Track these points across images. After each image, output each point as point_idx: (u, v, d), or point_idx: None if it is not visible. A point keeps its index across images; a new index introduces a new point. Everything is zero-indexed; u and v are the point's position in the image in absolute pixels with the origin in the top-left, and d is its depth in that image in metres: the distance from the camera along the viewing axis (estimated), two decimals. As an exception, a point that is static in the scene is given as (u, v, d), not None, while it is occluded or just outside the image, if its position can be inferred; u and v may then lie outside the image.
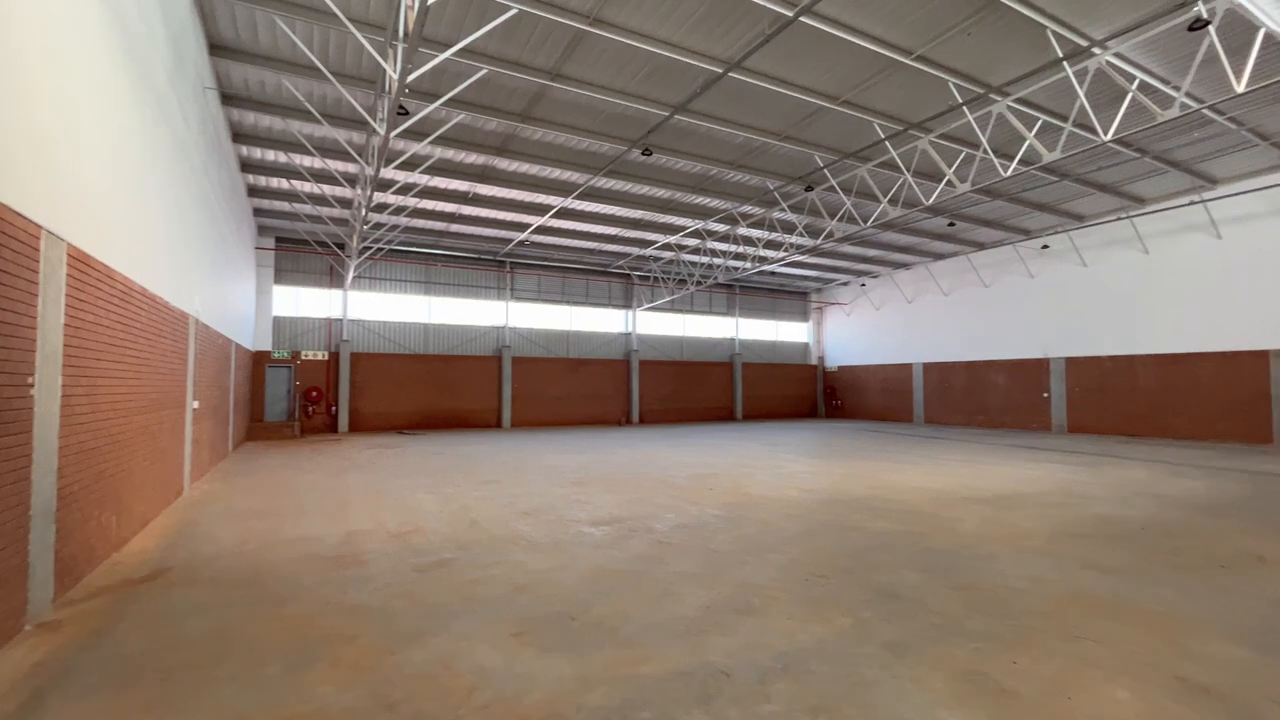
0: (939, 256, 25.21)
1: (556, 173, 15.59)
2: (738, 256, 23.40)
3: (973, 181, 13.45)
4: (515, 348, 24.83)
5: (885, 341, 28.64)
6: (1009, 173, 12.27)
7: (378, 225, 19.38)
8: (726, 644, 3.85)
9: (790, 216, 18.01)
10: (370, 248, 20.86)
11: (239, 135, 13.26)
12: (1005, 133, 13.38)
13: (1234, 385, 16.98)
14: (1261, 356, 16.48)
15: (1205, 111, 12.59)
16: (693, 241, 21.75)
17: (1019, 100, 11.96)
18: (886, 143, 13.44)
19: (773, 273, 28.13)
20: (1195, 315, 17.88)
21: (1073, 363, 20.81)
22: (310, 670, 3.54)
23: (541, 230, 20.52)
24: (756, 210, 18.47)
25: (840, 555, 5.84)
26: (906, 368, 27.34)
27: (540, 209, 18.16)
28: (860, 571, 5.32)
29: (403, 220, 18.96)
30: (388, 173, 14.71)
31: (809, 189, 16.12)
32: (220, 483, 10.26)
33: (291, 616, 4.35)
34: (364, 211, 13.15)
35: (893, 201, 16.92)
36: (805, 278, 29.82)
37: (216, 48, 10.17)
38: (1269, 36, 9.81)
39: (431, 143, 13.46)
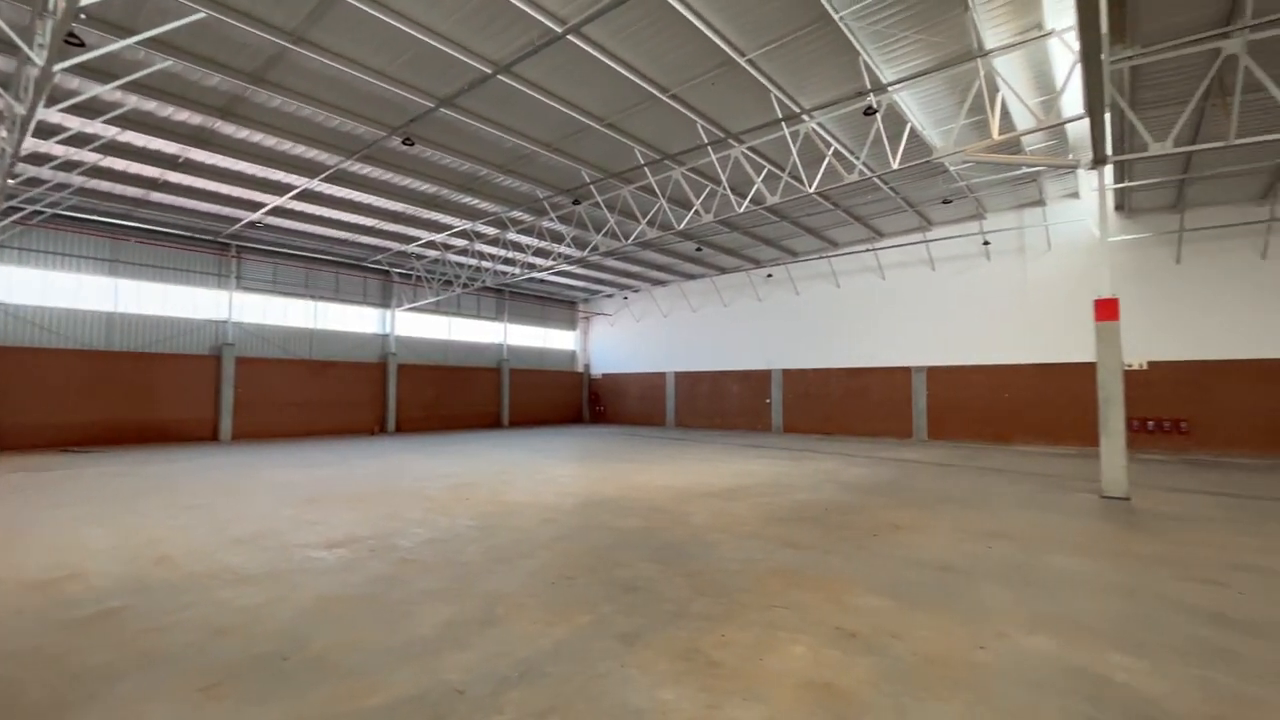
0: (690, 277, 28.13)
1: (300, 149, 13.73)
2: (507, 261, 23.19)
3: (715, 213, 15.30)
4: (241, 346, 21.14)
5: (644, 351, 30.95)
6: (742, 209, 14.22)
7: (35, 180, 14.91)
8: (465, 659, 3.74)
9: (559, 227, 18.45)
10: (22, 209, 15.95)
11: None
12: (741, 174, 15.49)
13: (891, 393, 21.99)
14: (907, 372, 21.65)
15: (875, 180, 16.14)
16: (460, 242, 20.97)
17: (751, 149, 13.95)
18: (646, 168, 14.58)
19: (542, 280, 28.51)
20: (868, 338, 22.75)
21: (788, 374, 24.90)
22: None
23: (280, 212, 17.87)
24: (526, 217, 18.54)
25: (588, 555, 6.10)
26: (661, 376, 29.89)
27: (279, 188, 15.80)
28: (605, 569, 5.62)
29: (76, 179, 14.88)
30: (52, 115, 11.44)
31: (576, 202, 16.71)
32: None
33: None
34: (10, 160, 10.00)
35: (651, 223, 18.39)
36: (574, 287, 30.81)
37: None
38: (914, 130, 12.97)
39: (123, 88, 10.84)
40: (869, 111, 11.54)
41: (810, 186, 13.42)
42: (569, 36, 9.67)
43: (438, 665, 3.66)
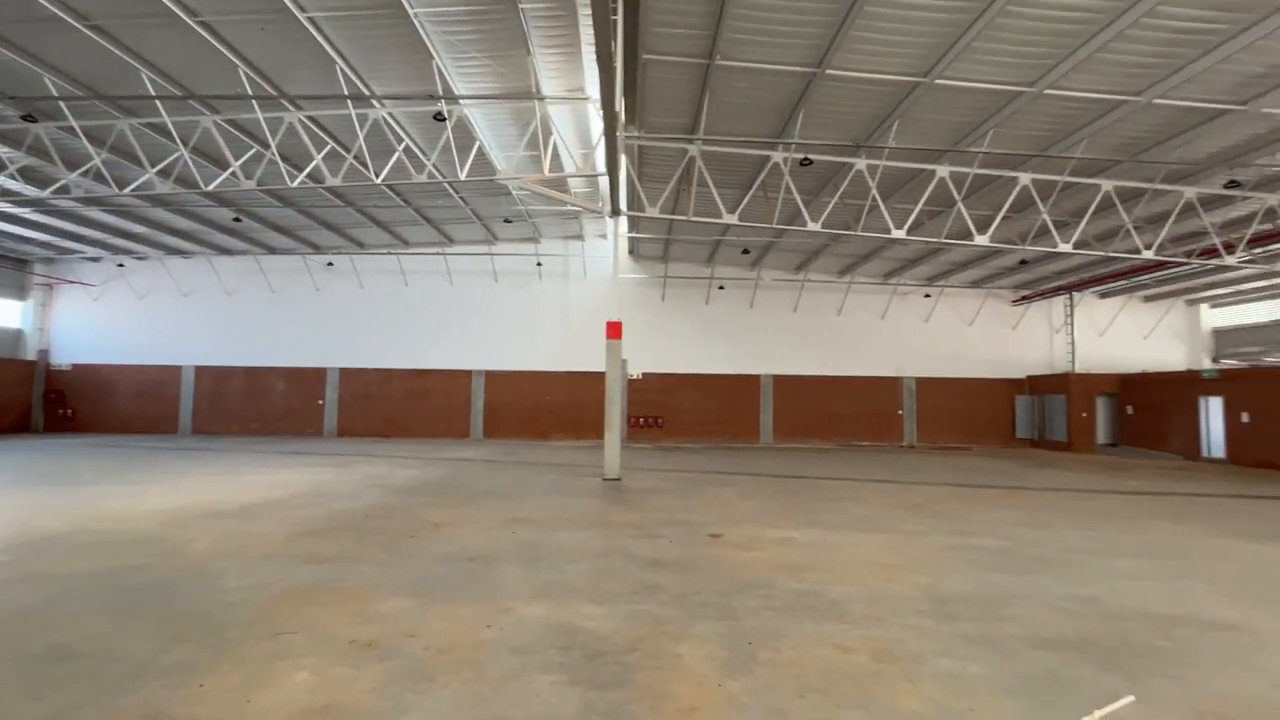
0: (225, 251, 23.14)
1: None
2: (-125, 179, 14.59)
3: (260, 181, 13.05)
4: None
5: (149, 337, 23.88)
6: (295, 183, 12.54)
7: None
8: None
9: (-5, 147, 12.67)
10: None
11: None
12: (298, 145, 13.55)
13: (453, 394, 22.79)
14: (468, 374, 22.83)
15: (446, 186, 16.53)
16: None
17: (311, 119, 12.42)
18: (159, 102, 11.37)
19: (-41, 220, 19.05)
20: (434, 339, 23.03)
21: (346, 373, 23.05)
22: None
23: None
24: (-77, 118, 12.10)
25: (-10, 623, 4.25)
26: (174, 370, 23.62)
27: None
28: (19, 639, 3.99)
29: None
30: None
31: (30, 118, 11.78)
32: None
33: None
34: None
35: (165, 174, 14.39)
36: (27, 239, 21.55)
37: None
38: (482, 148, 13.77)
39: None
40: (440, 117, 11.73)
41: (378, 177, 12.78)
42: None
43: None
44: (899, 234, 12.70)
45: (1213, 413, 18.53)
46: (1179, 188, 12.68)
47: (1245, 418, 17.36)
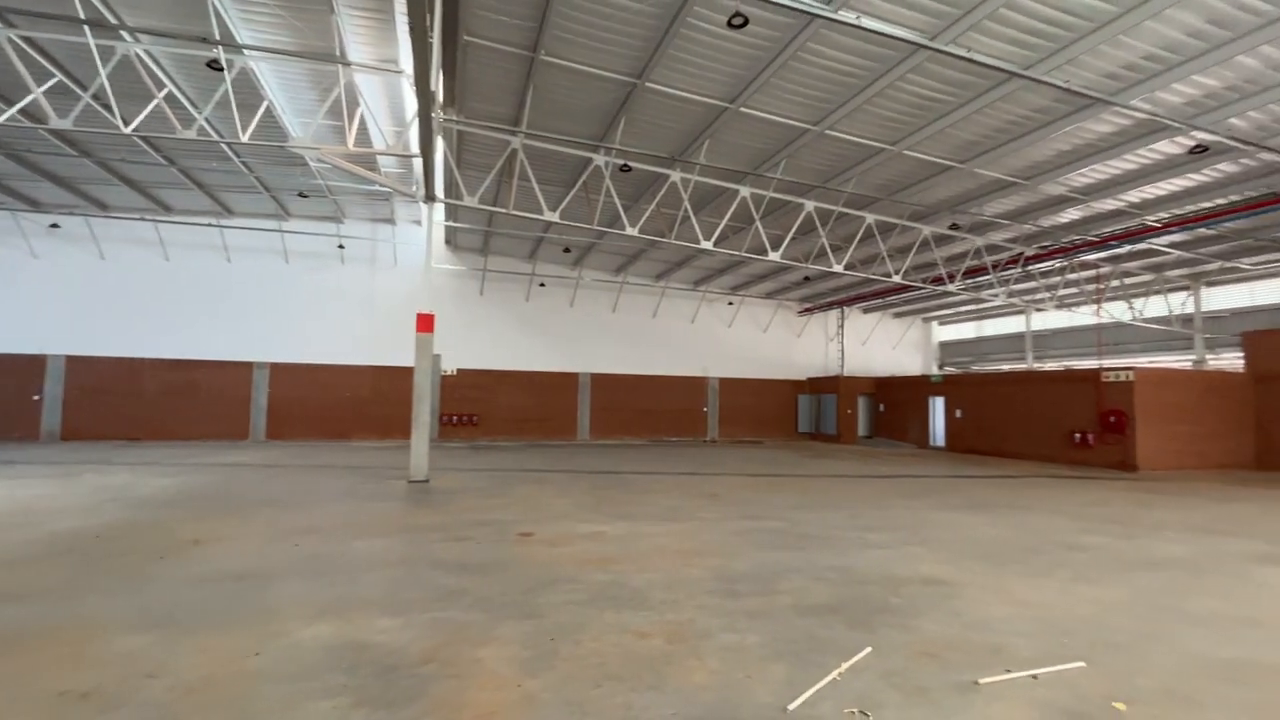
0: (-117, 196, 17.45)
1: None
2: None
3: (-58, 110, 10.03)
4: None
5: None
6: (2, 119, 9.86)
7: None
8: None
9: None
10: None
11: None
12: (8, 71, 10.72)
13: (228, 390, 19.64)
14: (248, 367, 19.88)
15: (225, 148, 14.21)
16: None
17: (28, 40, 9.89)
18: None
19: None
20: (203, 326, 19.64)
21: (75, 362, 18.68)
22: None
23: None
24: None
25: None
26: None
27: None
28: None
29: None
30: None
31: None
32: None
33: None
34: None
35: None
36: None
37: None
38: (272, 109, 12.08)
39: None
40: (216, 65, 10.07)
41: (128, 126, 10.54)
42: None
43: None
44: (706, 245, 13.74)
45: (937, 410, 22.91)
46: (919, 225, 15.46)
47: (958, 414, 21.72)
